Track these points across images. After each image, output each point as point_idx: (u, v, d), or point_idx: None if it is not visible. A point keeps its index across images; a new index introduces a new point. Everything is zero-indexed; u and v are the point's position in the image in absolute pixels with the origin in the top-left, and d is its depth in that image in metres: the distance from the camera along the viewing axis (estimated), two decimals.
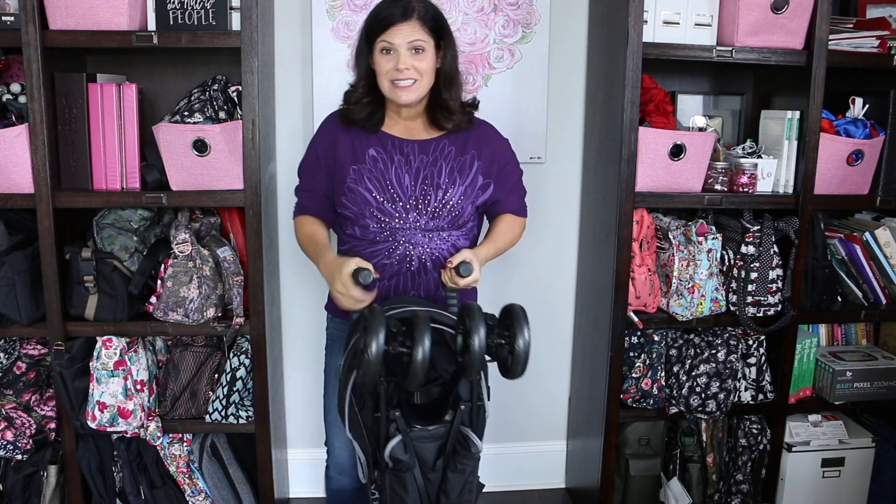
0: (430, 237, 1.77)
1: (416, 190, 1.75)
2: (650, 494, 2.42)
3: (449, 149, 1.79)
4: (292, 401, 2.63)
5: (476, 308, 1.50)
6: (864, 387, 2.38)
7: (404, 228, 1.75)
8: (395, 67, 1.68)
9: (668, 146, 2.14)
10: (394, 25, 1.66)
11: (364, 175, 1.75)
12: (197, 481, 2.27)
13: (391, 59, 1.69)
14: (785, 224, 2.23)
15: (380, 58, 1.70)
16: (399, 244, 1.76)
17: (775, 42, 2.14)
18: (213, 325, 2.10)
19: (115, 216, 2.13)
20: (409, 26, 1.67)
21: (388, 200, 1.75)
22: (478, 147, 1.82)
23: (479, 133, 1.84)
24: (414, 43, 1.67)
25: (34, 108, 1.93)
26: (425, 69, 1.70)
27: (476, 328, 1.45)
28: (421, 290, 1.80)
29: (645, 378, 2.30)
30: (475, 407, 1.63)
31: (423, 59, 1.69)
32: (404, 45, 1.67)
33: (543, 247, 2.63)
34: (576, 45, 2.50)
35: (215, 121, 2.03)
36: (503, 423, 2.75)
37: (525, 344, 1.52)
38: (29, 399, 2.13)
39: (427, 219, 1.76)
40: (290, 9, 2.37)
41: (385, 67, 1.69)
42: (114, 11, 1.91)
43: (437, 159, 1.78)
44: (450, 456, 1.62)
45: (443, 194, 1.76)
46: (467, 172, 1.79)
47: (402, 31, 1.66)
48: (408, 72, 1.68)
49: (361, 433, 1.63)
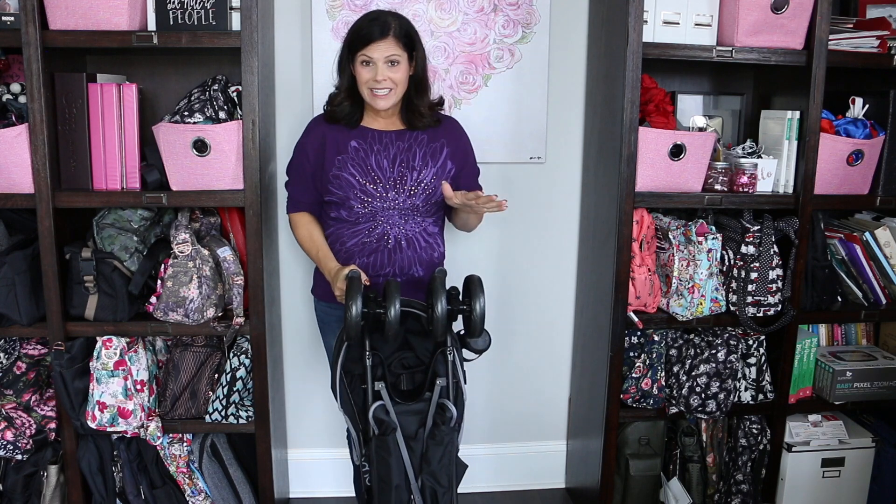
0: (405, 220, 2.01)
1: (395, 172, 2.00)
2: (650, 494, 2.42)
3: (422, 137, 2.04)
4: (292, 401, 2.63)
5: (439, 281, 1.78)
6: (864, 387, 2.38)
7: (385, 208, 1.99)
8: (373, 78, 1.92)
9: (668, 146, 2.14)
10: (373, 42, 1.90)
11: (348, 163, 1.99)
12: (197, 481, 2.27)
13: (370, 71, 1.93)
14: (785, 224, 2.23)
15: (360, 69, 1.94)
16: (378, 224, 2.00)
17: (775, 42, 2.14)
18: (213, 325, 2.10)
19: (115, 216, 2.13)
20: (386, 43, 1.90)
21: (371, 182, 1.99)
22: (447, 137, 2.07)
23: (447, 126, 2.10)
24: (390, 57, 1.91)
25: (34, 108, 1.93)
26: (400, 79, 1.94)
27: (438, 296, 1.74)
28: (396, 266, 2.02)
29: (645, 378, 2.31)
30: (451, 383, 1.85)
31: (398, 70, 1.93)
32: (382, 59, 1.91)
33: (543, 247, 2.64)
34: (576, 45, 2.50)
35: (215, 121, 2.03)
36: (503, 423, 2.75)
37: (481, 308, 1.78)
38: (29, 399, 2.13)
39: (405, 197, 2.00)
40: (290, 9, 2.37)
41: (365, 77, 1.93)
42: (114, 11, 1.91)
43: (412, 145, 2.03)
44: (430, 429, 1.83)
45: (417, 175, 2.01)
46: (438, 157, 2.04)
47: (380, 47, 1.90)
48: (385, 82, 1.92)
49: (352, 410, 1.86)
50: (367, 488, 1.89)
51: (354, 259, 2.01)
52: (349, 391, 1.85)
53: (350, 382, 1.85)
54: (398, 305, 1.72)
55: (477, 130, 2.48)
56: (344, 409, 1.87)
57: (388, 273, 2.01)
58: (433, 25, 2.41)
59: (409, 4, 2.38)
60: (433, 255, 2.08)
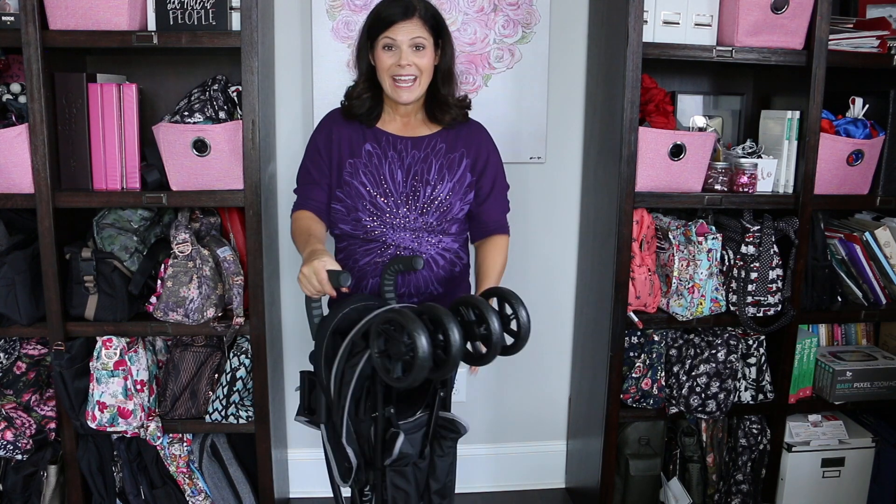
0: (419, 241, 1.83)
1: (407, 186, 1.82)
2: (650, 494, 2.42)
3: (440, 146, 1.86)
4: (292, 401, 2.63)
5: (442, 310, 1.46)
6: (864, 387, 2.38)
7: (395, 227, 1.82)
8: (397, 63, 1.75)
9: (668, 146, 2.14)
10: (396, 23, 1.73)
11: (360, 169, 1.82)
12: (197, 481, 2.27)
13: (393, 56, 1.75)
14: (785, 224, 2.23)
15: (382, 54, 1.76)
16: (389, 247, 1.83)
17: (775, 42, 2.14)
18: (213, 325, 2.10)
19: (115, 216, 2.13)
20: (411, 24, 1.74)
21: (381, 195, 1.82)
22: (467, 145, 1.88)
23: (470, 131, 1.91)
24: (415, 40, 1.74)
25: (34, 108, 1.93)
26: (425, 66, 1.77)
27: (450, 327, 1.42)
28: (411, 286, 1.86)
29: (645, 378, 2.31)
30: (449, 394, 1.74)
31: (423, 56, 1.76)
32: (406, 42, 1.74)
33: (543, 247, 2.64)
34: (576, 45, 2.50)
35: (215, 121, 2.03)
36: (503, 423, 2.75)
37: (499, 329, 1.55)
38: (29, 399, 2.13)
39: (416, 214, 1.82)
40: (290, 9, 2.37)
41: (387, 63, 1.76)
42: (114, 11, 1.91)
43: (428, 156, 1.85)
44: (434, 441, 1.69)
45: (431, 190, 1.83)
46: (456, 169, 1.86)
47: (405, 28, 1.73)
48: (409, 67, 1.75)
49: (355, 439, 1.63)
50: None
51: (367, 279, 1.85)
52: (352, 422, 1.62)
53: (356, 409, 1.62)
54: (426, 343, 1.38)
55: None
56: (348, 440, 1.62)
57: (404, 293, 1.85)
58: None
59: None
60: (454, 271, 1.91)
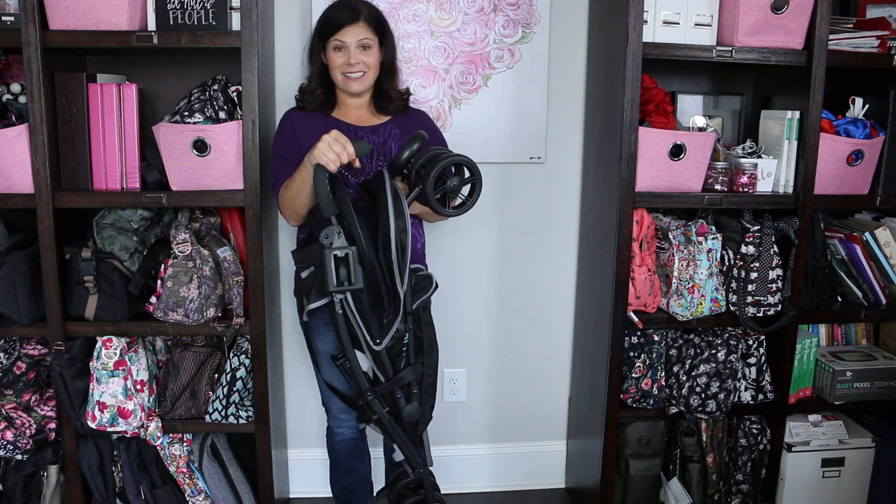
0: None
1: (373, 166, 2.02)
2: (650, 494, 2.42)
3: (395, 131, 2.07)
4: (292, 401, 2.63)
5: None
6: (864, 387, 2.38)
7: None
8: (346, 62, 1.96)
9: (668, 146, 2.14)
10: (345, 27, 1.94)
11: None
12: (197, 481, 2.27)
13: (343, 55, 1.97)
14: (785, 224, 2.23)
15: (333, 54, 1.98)
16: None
17: (775, 42, 2.14)
18: (213, 325, 2.10)
19: (115, 216, 2.13)
20: (358, 27, 1.95)
21: (352, 174, 1.99)
22: (416, 127, 2.06)
23: (416, 118, 2.14)
24: (362, 41, 1.96)
25: (34, 108, 1.93)
26: (372, 63, 1.99)
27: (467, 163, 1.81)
28: None
29: (645, 378, 2.31)
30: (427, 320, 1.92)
31: (369, 54, 1.98)
32: (354, 43, 1.95)
33: (543, 247, 2.64)
34: (576, 45, 2.50)
35: (215, 121, 2.03)
36: (503, 423, 2.75)
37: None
38: (29, 399, 2.13)
39: None
40: (290, 9, 2.37)
41: (338, 62, 1.97)
42: (114, 11, 1.91)
43: (387, 140, 2.05)
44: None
45: None
46: None
47: (352, 31, 1.95)
48: (357, 65, 1.97)
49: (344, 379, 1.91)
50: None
51: None
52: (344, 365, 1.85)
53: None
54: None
55: (477, 131, 2.49)
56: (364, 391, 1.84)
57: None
58: (433, 25, 2.41)
59: (409, 4, 2.38)
60: (416, 246, 2.08)
